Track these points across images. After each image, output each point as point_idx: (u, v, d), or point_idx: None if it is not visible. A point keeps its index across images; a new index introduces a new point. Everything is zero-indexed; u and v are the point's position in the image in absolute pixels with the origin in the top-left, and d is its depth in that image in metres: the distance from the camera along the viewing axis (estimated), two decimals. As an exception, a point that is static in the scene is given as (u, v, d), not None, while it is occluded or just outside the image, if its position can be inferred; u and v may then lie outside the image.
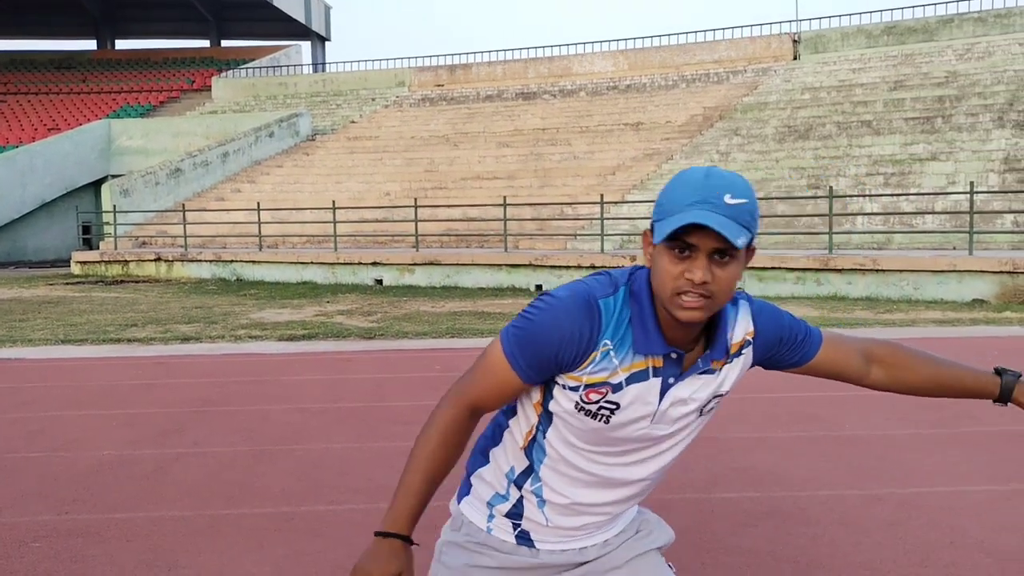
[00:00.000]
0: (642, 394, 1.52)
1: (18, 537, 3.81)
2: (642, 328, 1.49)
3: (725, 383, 1.60)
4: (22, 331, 10.81)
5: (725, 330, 1.56)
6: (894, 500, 4.15)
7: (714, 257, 1.40)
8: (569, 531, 1.68)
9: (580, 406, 1.53)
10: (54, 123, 33.67)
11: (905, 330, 9.94)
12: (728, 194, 1.40)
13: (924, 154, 18.38)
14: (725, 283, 1.42)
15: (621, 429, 1.55)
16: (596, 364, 1.50)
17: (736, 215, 1.39)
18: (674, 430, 1.60)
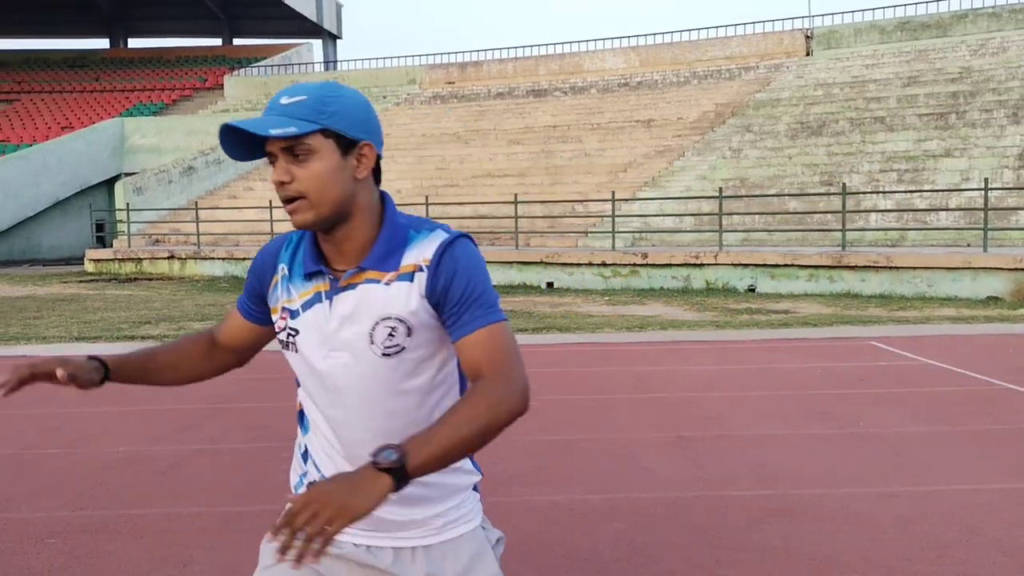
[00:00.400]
0: (316, 319, 1.52)
1: (34, 533, 3.83)
2: (305, 255, 1.55)
3: (390, 304, 1.47)
4: (36, 328, 10.88)
5: (391, 243, 1.50)
6: (909, 497, 4.14)
7: (292, 157, 1.44)
8: None
9: (279, 340, 1.59)
10: (68, 122, 33.84)
11: (919, 327, 9.90)
12: (285, 96, 1.44)
13: (938, 150, 18.28)
14: (309, 180, 1.43)
15: (309, 362, 1.54)
16: (278, 289, 1.58)
17: (289, 111, 1.42)
18: (355, 360, 1.49)
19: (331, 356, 1.52)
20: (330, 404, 1.56)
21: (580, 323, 10.69)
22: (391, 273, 1.49)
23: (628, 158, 22.23)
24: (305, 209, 1.45)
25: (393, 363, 1.50)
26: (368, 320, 1.49)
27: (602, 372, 7.55)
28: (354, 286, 1.50)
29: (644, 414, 5.97)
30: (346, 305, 1.50)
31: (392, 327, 1.48)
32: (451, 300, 1.48)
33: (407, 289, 1.48)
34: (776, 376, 7.30)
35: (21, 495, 4.37)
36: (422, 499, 1.60)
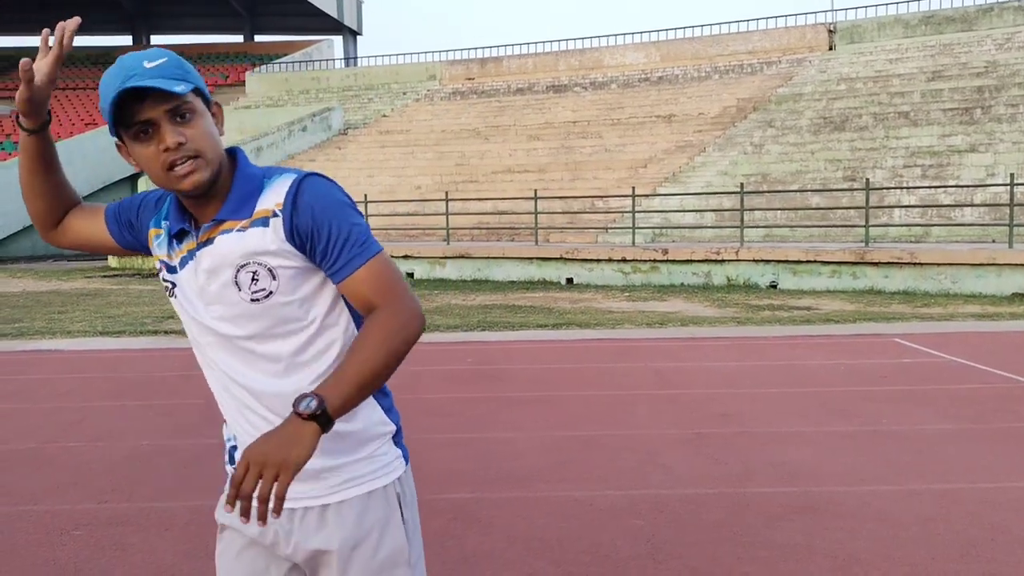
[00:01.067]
0: (188, 278, 1.54)
1: (59, 525, 3.87)
2: (170, 213, 1.56)
3: (248, 249, 1.47)
4: (61, 323, 10.99)
5: (246, 191, 1.51)
6: (932, 495, 4.10)
7: (175, 121, 1.43)
8: None
9: (163, 286, 1.61)
10: (92, 118, 34.14)
11: (943, 324, 9.80)
12: (144, 60, 1.43)
13: (963, 145, 18.07)
14: (202, 137, 1.44)
15: (189, 312, 1.56)
16: (159, 242, 1.59)
17: (162, 72, 1.42)
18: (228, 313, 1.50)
19: (208, 310, 1.53)
20: (229, 358, 1.55)
21: (600, 319, 10.67)
22: (245, 220, 1.49)
23: (648, 153, 22.14)
24: (203, 167, 1.45)
25: (262, 309, 1.49)
26: (230, 268, 1.49)
27: (622, 368, 7.53)
28: (212, 240, 1.50)
29: (664, 410, 5.95)
30: (209, 259, 1.51)
31: (253, 271, 1.48)
32: (321, 244, 1.47)
33: (261, 234, 1.47)
34: (798, 373, 7.25)
35: (45, 488, 4.42)
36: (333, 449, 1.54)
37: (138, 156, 1.47)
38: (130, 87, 1.39)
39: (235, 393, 1.57)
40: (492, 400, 5.62)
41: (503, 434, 5.17)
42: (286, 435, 1.34)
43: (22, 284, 17.42)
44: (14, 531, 3.81)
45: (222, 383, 1.58)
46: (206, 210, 1.52)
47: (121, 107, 1.42)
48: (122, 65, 1.44)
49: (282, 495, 1.31)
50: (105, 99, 1.44)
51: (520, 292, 14.26)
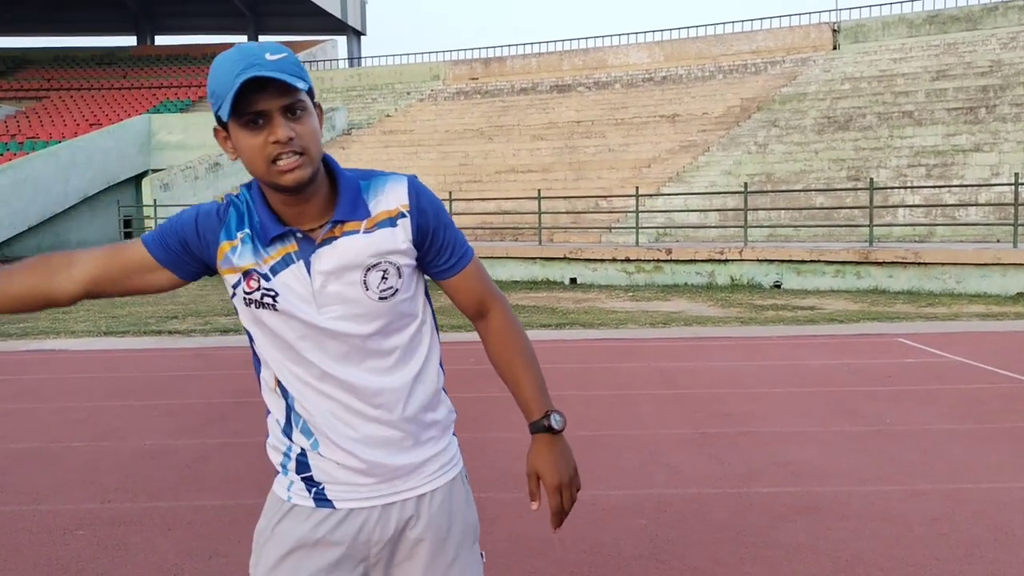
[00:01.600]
0: (292, 280, 1.50)
1: (63, 524, 3.87)
2: (260, 220, 1.52)
3: (379, 249, 1.52)
4: (65, 323, 11.01)
5: (353, 192, 1.54)
6: (937, 495, 4.09)
7: (287, 115, 1.43)
8: (358, 473, 1.57)
9: (248, 299, 1.53)
10: (96, 118, 34.18)
11: (948, 324, 9.78)
12: (267, 53, 1.43)
13: (967, 145, 18.04)
14: (308, 135, 1.45)
15: (294, 320, 1.51)
16: (241, 252, 1.52)
17: (284, 67, 1.42)
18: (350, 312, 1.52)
19: (323, 312, 1.51)
20: (332, 359, 1.54)
21: (604, 319, 10.66)
22: (365, 221, 1.52)
23: (652, 153, 22.12)
24: (306, 165, 1.45)
25: (388, 306, 1.54)
26: (358, 269, 1.51)
27: (626, 368, 7.52)
28: (332, 240, 1.51)
29: (668, 410, 5.94)
30: (328, 260, 1.50)
31: (384, 270, 1.52)
32: (438, 243, 1.59)
33: (391, 234, 1.53)
34: (802, 373, 7.24)
35: (49, 487, 4.43)
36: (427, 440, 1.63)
37: (243, 145, 1.46)
38: (256, 76, 1.39)
39: (331, 393, 1.55)
40: (494, 400, 5.62)
41: (506, 434, 5.17)
42: (561, 453, 1.66)
43: (27, 284, 17.43)
44: (18, 530, 3.81)
45: (313, 385, 1.55)
46: (304, 211, 1.51)
47: (238, 95, 1.41)
48: (243, 53, 1.43)
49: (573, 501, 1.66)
50: (221, 83, 1.42)
51: (524, 292, 14.25)
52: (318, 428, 1.58)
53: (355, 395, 1.55)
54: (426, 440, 1.63)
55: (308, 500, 1.60)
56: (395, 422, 1.58)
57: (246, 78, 1.39)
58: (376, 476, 1.58)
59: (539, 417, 1.68)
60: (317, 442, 1.58)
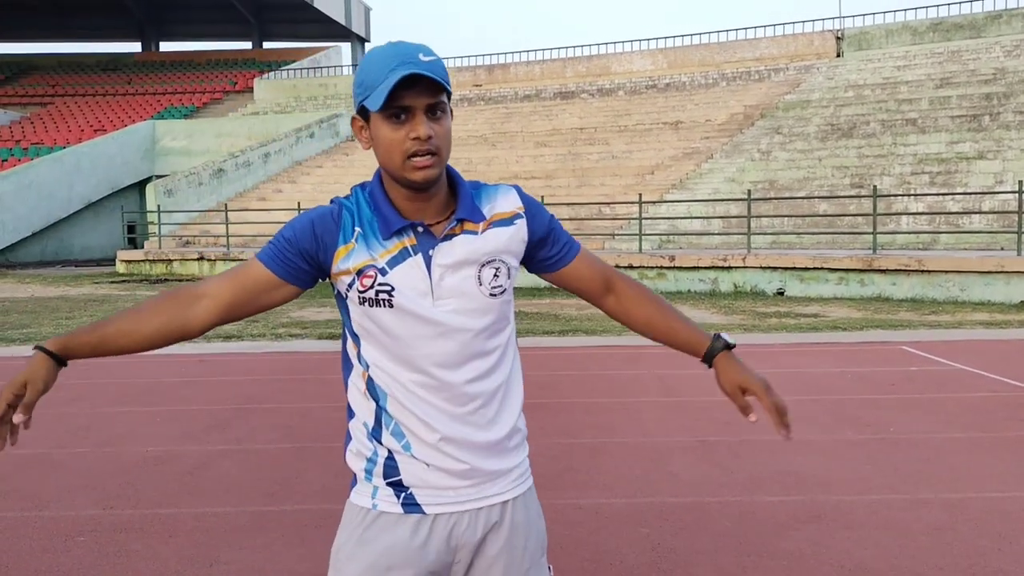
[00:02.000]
0: (409, 273, 1.55)
1: (64, 531, 3.87)
2: (380, 212, 1.57)
3: (493, 248, 1.59)
4: (69, 329, 11.01)
5: (470, 194, 1.61)
6: (941, 504, 4.07)
7: (429, 114, 1.50)
8: (451, 476, 1.58)
9: (362, 298, 1.56)
10: (100, 124, 34.28)
11: (951, 332, 9.76)
12: (420, 53, 1.49)
13: (971, 152, 18.02)
14: (444, 137, 1.52)
15: (409, 315, 1.55)
16: (355, 252, 1.56)
17: (434, 69, 1.48)
18: (464, 307, 1.57)
19: (438, 304, 1.56)
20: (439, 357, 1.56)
21: (606, 326, 10.65)
22: (482, 223, 1.60)
23: (656, 160, 22.13)
24: (437, 165, 1.52)
25: (496, 303, 1.61)
26: (474, 265, 1.57)
27: (628, 375, 7.51)
28: (452, 236, 1.57)
29: (670, 418, 5.93)
30: (448, 255, 1.56)
31: (497, 268, 1.60)
32: (552, 235, 1.70)
33: (508, 234, 1.62)
34: (805, 380, 7.22)
35: (51, 493, 4.42)
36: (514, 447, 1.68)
37: (382, 136, 1.51)
38: (415, 73, 1.45)
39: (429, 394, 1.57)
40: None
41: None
42: (744, 364, 1.82)
43: (30, 290, 17.48)
44: (19, 536, 3.81)
45: (412, 385, 1.57)
46: (424, 208, 1.57)
47: (399, 84, 1.46)
48: (399, 50, 1.49)
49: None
50: (374, 75, 1.49)
51: (527, 299, 14.25)
52: (411, 430, 1.59)
53: (454, 396, 1.58)
54: (513, 447, 1.68)
55: (396, 506, 1.60)
56: (490, 425, 1.61)
57: (404, 74, 1.45)
58: (468, 479, 1.60)
59: (711, 342, 1.79)
60: (409, 444, 1.59)
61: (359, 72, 1.53)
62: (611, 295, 1.79)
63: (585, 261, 1.75)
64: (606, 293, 1.79)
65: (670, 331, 1.80)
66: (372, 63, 1.51)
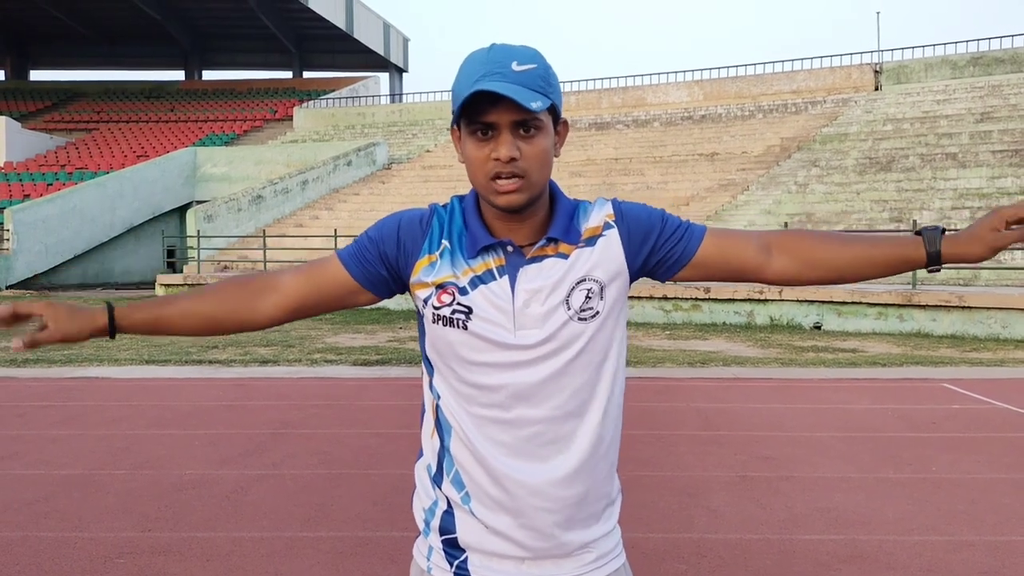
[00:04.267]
0: (493, 295, 1.39)
1: (103, 553, 3.91)
2: (470, 227, 1.43)
3: (584, 267, 1.42)
4: (109, 351, 11.18)
5: (568, 215, 1.45)
6: (986, 547, 3.98)
7: (518, 132, 1.34)
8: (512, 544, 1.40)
9: (436, 316, 1.40)
10: (143, 150, 34.95)
11: (994, 370, 9.58)
12: (514, 61, 1.34)
13: (1013, 188, 17.79)
14: (535, 158, 1.35)
15: (483, 341, 1.38)
16: (438, 264, 1.42)
17: (526, 81, 1.33)
18: (548, 335, 1.39)
19: (519, 334, 1.39)
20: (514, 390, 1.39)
21: (641, 356, 10.59)
22: (576, 244, 1.43)
23: (691, 191, 22.09)
24: (524, 189, 1.36)
25: (588, 330, 1.41)
26: (563, 288, 1.41)
27: (664, 407, 7.46)
28: (541, 258, 1.41)
29: (707, 452, 5.87)
30: (535, 278, 1.40)
31: (588, 289, 1.41)
32: (660, 230, 1.47)
33: (599, 249, 1.43)
34: (844, 417, 7.12)
35: (91, 514, 4.47)
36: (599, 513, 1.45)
37: (468, 154, 1.38)
38: (485, 90, 1.31)
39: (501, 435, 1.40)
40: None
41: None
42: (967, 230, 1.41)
43: (72, 311, 17.75)
44: (60, 557, 3.86)
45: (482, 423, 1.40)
46: (517, 229, 1.42)
47: (471, 101, 1.33)
48: (490, 57, 1.35)
49: None
50: (460, 85, 1.37)
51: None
52: (473, 479, 1.41)
53: (531, 439, 1.39)
54: (599, 513, 1.45)
55: (448, 574, 1.43)
56: (571, 481, 1.41)
57: (478, 90, 1.31)
58: (530, 551, 1.39)
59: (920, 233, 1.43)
60: (469, 496, 1.42)
61: (455, 77, 1.40)
62: (776, 253, 1.49)
63: (718, 237, 1.49)
64: (768, 256, 1.49)
65: (874, 249, 1.46)
66: (462, 71, 1.38)
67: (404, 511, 4.48)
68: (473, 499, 1.41)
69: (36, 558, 3.84)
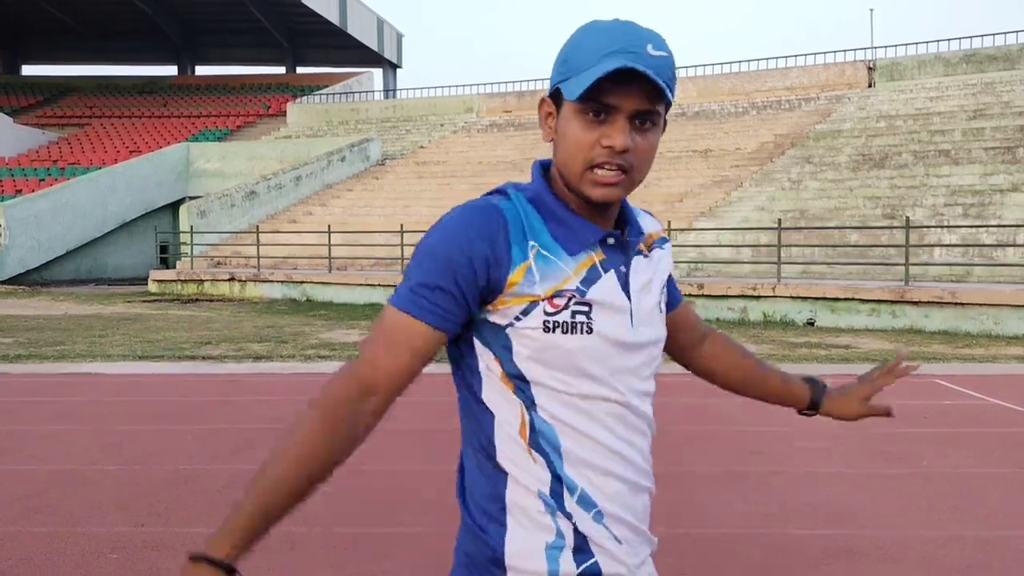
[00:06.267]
0: (607, 292, 1.24)
1: (96, 548, 3.91)
2: (559, 222, 1.25)
3: (666, 268, 1.38)
4: (102, 347, 11.16)
5: (633, 212, 1.36)
6: (975, 542, 4.01)
7: (635, 122, 1.19)
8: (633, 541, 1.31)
9: (550, 324, 1.20)
10: (136, 146, 34.86)
11: (986, 366, 9.62)
12: (649, 44, 1.18)
13: (1005, 185, 17.84)
14: (646, 155, 1.22)
15: (607, 342, 1.23)
16: (535, 270, 1.21)
17: (660, 69, 1.17)
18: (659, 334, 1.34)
19: (638, 332, 1.28)
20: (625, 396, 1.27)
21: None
22: (644, 241, 1.35)
23: (685, 188, 22.12)
24: (624, 185, 1.22)
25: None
26: (657, 287, 1.34)
27: (655, 403, 7.46)
28: (641, 252, 1.33)
29: (697, 448, 5.89)
30: (643, 272, 1.31)
31: (664, 291, 1.38)
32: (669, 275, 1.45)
33: (667, 256, 1.40)
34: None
35: (83, 510, 4.47)
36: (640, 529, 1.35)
37: (570, 133, 1.21)
38: (635, 68, 1.14)
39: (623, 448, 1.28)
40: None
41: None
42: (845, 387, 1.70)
43: (64, 307, 17.73)
44: (53, 552, 3.85)
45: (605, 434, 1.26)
46: (603, 220, 1.29)
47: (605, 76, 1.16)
48: (624, 32, 1.19)
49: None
50: (584, 56, 1.19)
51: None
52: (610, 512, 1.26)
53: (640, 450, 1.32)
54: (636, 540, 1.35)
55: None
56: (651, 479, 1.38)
57: (619, 65, 1.14)
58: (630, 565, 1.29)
59: (811, 386, 1.64)
60: (611, 532, 1.26)
61: (566, 46, 1.23)
62: (701, 347, 1.58)
63: (687, 307, 1.54)
64: (698, 344, 1.57)
65: (762, 380, 1.61)
66: (586, 39, 1.20)
67: (397, 507, 4.50)
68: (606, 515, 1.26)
69: (28, 553, 3.84)
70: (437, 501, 4.53)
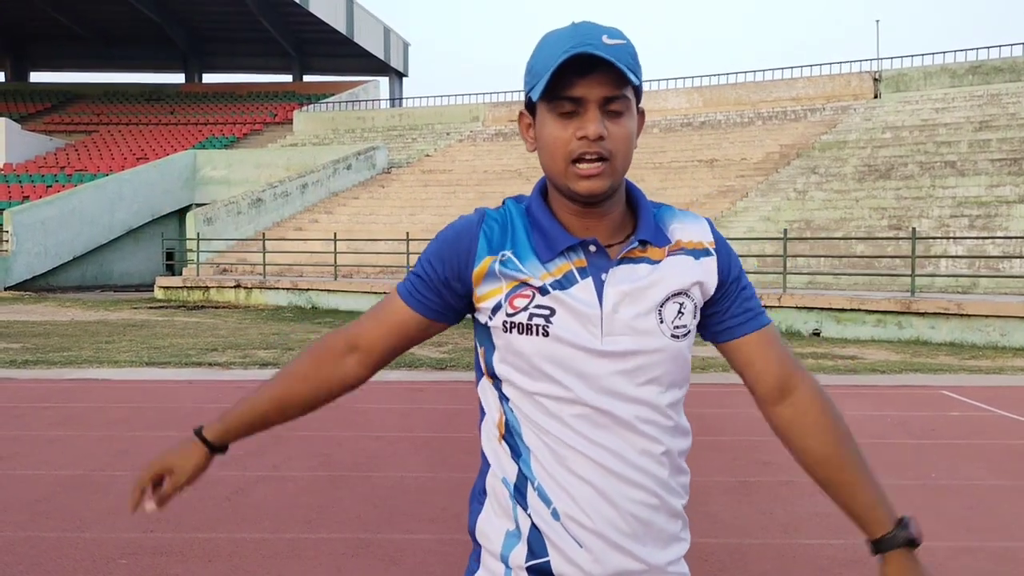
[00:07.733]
0: (577, 298, 1.26)
1: (106, 554, 3.91)
2: (541, 229, 1.30)
3: (679, 278, 1.31)
4: (109, 353, 11.17)
5: (652, 213, 1.34)
6: (986, 553, 3.99)
7: (606, 110, 1.23)
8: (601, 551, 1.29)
9: (508, 325, 1.27)
10: (143, 153, 34.97)
11: (993, 378, 9.60)
12: (604, 35, 1.22)
13: (1012, 196, 17.83)
14: (622, 140, 1.24)
15: (567, 346, 1.25)
16: (502, 271, 1.28)
17: (618, 54, 1.21)
18: (640, 348, 1.28)
19: (606, 341, 1.26)
20: (596, 401, 1.27)
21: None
22: (666, 248, 1.32)
23: (690, 198, 22.12)
24: (607, 174, 1.24)
25: (679, 349, 1.31)
26: (655, 297, 1.29)
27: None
28: (631, 260, 1.30)
29: (707, 457, 5.87)
30: (625, 281, 1.28)
31: (681, 303, 1.31)
32: (736, 289, 1.36)
33: (700, 267, 1.33)
34: (843, 423, 7.13)
35: (92, 516, 4.48)
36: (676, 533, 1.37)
37: (547, 134, 1.27)
38: (588, 52, 1.19)
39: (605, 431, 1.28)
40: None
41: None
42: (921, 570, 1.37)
43: (70, 313, 17.77)
44: (62, 557, 3.86)
45: (587, 417, 1.28)
46: (598, 226, 1.31)
47: (559, 73, 1.21)
48: (578, 31, 1.23)
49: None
50: (543, 59, 1.24)
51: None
52: (572, 518, 1.28)
53: (629, 461, 1.30)
54: (676, 532, 1.37)
55: None
56: (657, 494, 1.33)
57: (574, 53, 1.19)
58: (610, 569, 1.29)
59: (893, 528, 1.38)
60: (573, 535, 1.28)
61: (530, 57, 1.28)
62: (783, 403, 1.40)
63: (769, 342, 1.38)
64: (778, 398, 1.40)
65: (845, 485, 1.40)
66: (546, 43, 1.25)
67: (402, 514, 4.50)
68: (563, 516, 1.32)
69: (39, 558, 3.85)
70: (444, 508, 4.53)
